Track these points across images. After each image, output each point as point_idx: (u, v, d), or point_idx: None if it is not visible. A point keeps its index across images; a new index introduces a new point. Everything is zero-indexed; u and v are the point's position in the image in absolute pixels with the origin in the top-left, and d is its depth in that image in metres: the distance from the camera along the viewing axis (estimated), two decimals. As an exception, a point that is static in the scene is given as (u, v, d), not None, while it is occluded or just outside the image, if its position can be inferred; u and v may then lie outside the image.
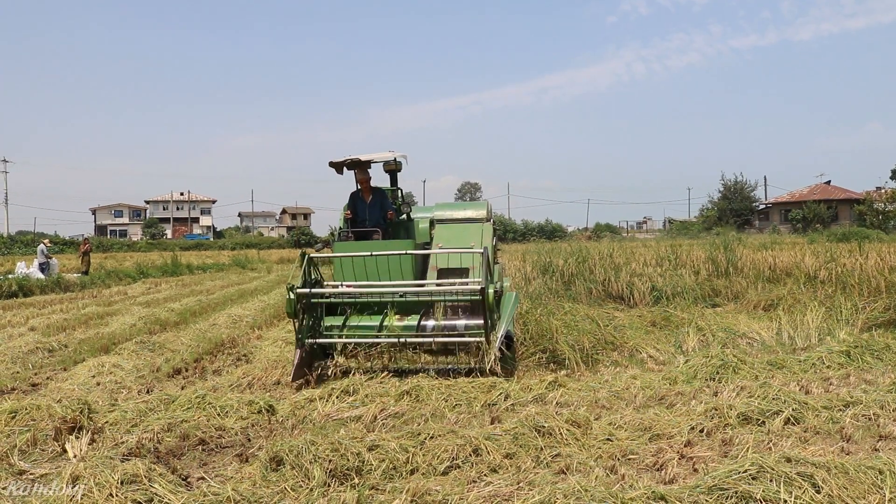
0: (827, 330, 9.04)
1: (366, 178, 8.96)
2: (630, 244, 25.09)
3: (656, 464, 4.48)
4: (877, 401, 5.53)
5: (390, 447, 4.57)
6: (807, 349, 8.15)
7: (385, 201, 9.06)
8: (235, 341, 10.06)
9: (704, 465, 4.39)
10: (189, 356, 8.84)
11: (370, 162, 8.89)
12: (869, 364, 7.27)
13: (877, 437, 4.89)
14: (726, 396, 5.94)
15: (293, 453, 4.38)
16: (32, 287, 20.02)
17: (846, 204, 63.26)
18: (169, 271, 29.45)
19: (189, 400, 6.02)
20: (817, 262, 13.69)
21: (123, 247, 69.28)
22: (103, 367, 8.02)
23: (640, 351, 8.41)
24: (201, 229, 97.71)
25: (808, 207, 62.43)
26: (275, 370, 7.66)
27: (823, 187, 67.95)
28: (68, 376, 7.83)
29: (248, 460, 4.80)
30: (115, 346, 9.57)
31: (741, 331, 9.28)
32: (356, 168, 8.90)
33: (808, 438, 4.92)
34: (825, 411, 5.39)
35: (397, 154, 9.20)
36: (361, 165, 8.82)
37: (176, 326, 11.83)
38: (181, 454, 4.98)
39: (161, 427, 5.41)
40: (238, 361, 8.68)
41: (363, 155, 8.69)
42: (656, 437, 4.97)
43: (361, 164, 8.81)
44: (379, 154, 8.93)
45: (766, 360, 7.37)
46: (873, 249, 15.01)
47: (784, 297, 11.48)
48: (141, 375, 7.84)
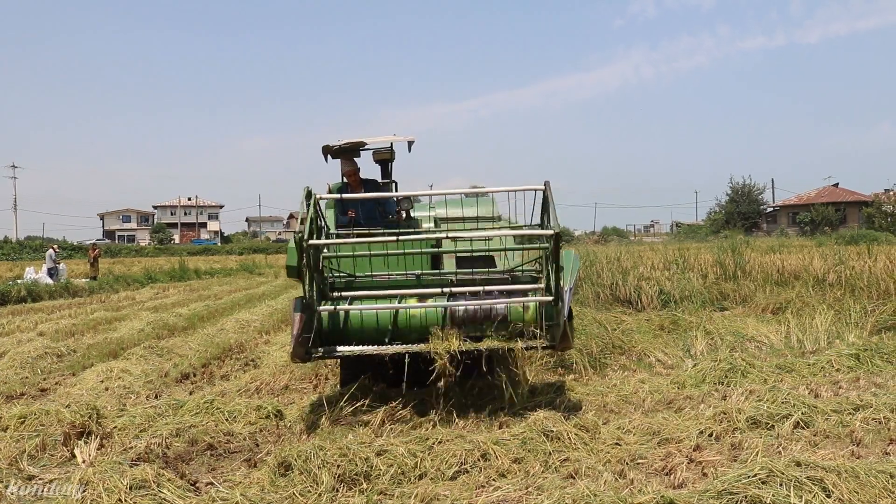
0: (836, 333, 8.99)
1: (353, 169, 7.50)
2: (637, 248, 25.03)
3: (665, 468, 4.47)
4: (887, 404, 5.49)
5: (398, 452, 4.57)
6: (816, 352, 8.11)
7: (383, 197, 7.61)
8: (243, 346, 10.08)
9: (714, 469, 4.37)
10: (197, 361, 8.86)
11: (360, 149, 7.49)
12: (879, 367, 7.23)
13: (887, 441, 4.86)
14: (735, 400, 5.92)
15: (301, 458, 4.38)
16: (41, 292, 20.14)
17: (854, 206, 62.91)
18: (177, 276, 29.56)
19: (197, 405, 6.03)
20: (826, 265, 13.61)
21: (131, 252, 69.49)
22: (112, 372, 8.05)
23: (648, 355, 8.39)
24: (209, 234, 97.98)
25: (817, 210, 62.13)
26: (283, 375, 7.66)
27: (831, 190, 67.62)
28: (77, 381, 7.87)
29: (257, 465, 4.80)
30: (123, 351, 9.61)
31: (749, 334, 9.23)
32: (343, 156, 7.51)
33: (817, 442, 4.89)
34: (835, 415, 5.35)
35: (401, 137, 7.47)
36: (348, 154, 7.48)
37: (184, 331, 11.87)
38: (190, 459, 4.99)
39: (169, 432, 5.42)
40: (246, 366, 8.69)
41: (366, 137, 7.25)
42: (665, 441, 4.96)
43: (348, 153, 7.47)
44: (381, 137, 7.43)
45: (774, 364, 7.34)
46: (882, 252, 14.92)
47: (792, 300, 11.42)
48: (149, 380, 7.86)
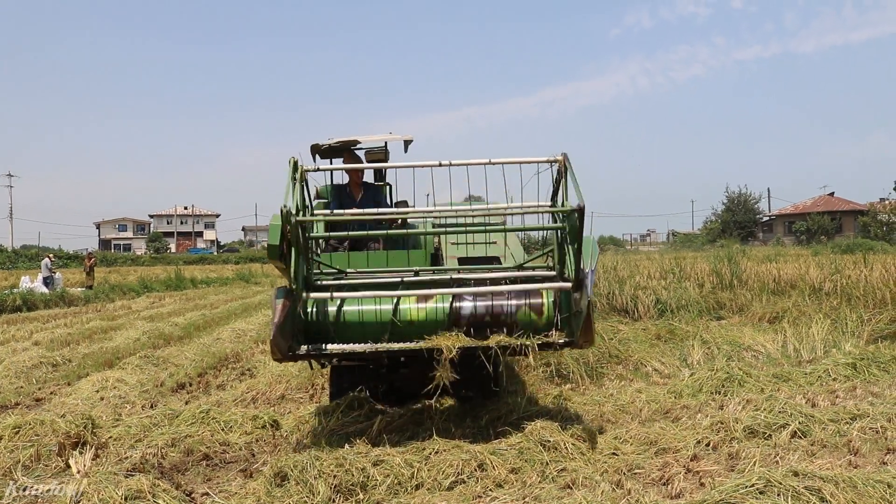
0: (832, 342, 8.99)
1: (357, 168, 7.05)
2: (634, 257, 25.06)
3: (662, 478, 4.46)
4: (884, 413, 5.49)
5: (395, 462, 4.55)
6: (812, 361, 8.11)
7: (382, 200, 7.07)
8: (239, 356, 10.05)
9: (711, 479, 4.36)
10: (193, 371, 8.83)
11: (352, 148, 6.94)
12: (875, 376, 7.22)
13: (885, 451, 4.85)
14: (732, 410, 5.91)
15: (298, 468, 4.36)
16: (36, 301, 20.10)
17: (850, 215, 63.12)
18: (173, 285, 29.52)
19: (193, 415, 6.00)
20: (822, 274, 13.63)
21: (127, 261, 69.39)
22: (107, 381, 8.01)
23: (644, 364, 8.37)
24: (205, 243, 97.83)
25: (812, 219, 62.31)
26: (279, 385, 7.63)
27: (827, 199, 67.85)
28: (72, 391, 7.83)
29: (253, 475, 4.78)
30: (118, 360, 9.58)
31: (746, 343, 9.23)
32: (344, 154, 7.08)
33: (815, 452, 4.88)
34: (832, 424, 5.35)
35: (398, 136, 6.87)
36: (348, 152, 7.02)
37: (180, 341, 11.83)
38: (185, 469, 4.97)
39: (165, 442, 5.39)
40: (242, 376, 8.66)
41: (360, 136, 6.73)
42: (662, 451, 4.94)
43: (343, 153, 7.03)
44: (376, 136, 6.94)
45: (771, 373, 7.33)
46: (878, 261, 14.96)
47: (789, 309, 11.42)
48: (145, 390, 7.83)
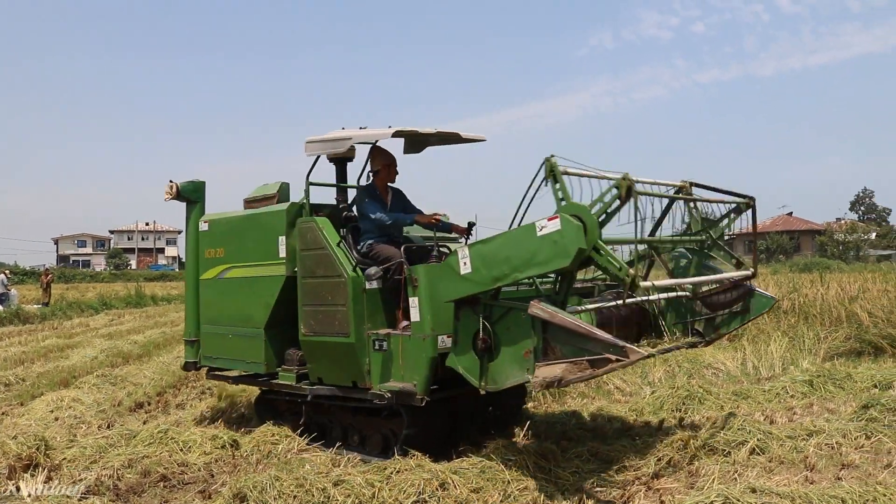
0: (790, 359, 9.16)
1: (392, 161, 6.20)
2: (598, 275, 25.25)
3: (623, 496, 4.48)
4: (839, 429, 5.59)
5: (356, 482, 4.50)
6: (771, 379, 8.25)
7: (408, 204, 6.35)
8: (199, 374, 9.88)
9: (671, 497, 4.39)
10: (152, 390, 8.68)
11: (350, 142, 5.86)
12: (831, 393, 7.36)
13: (839, 466, 4.94)
14: (692, 427, 5.97)
15: (257, 489, 4.31)
16: (-10, 319, 19.57)
17: (808, 235, 64.52)
18: (133, 302, 28.94)
19: (151, 435, 5.89)
20: (780, 293, 13.88)
21: (86, 277, 67.95)
22: (62, 401, 7.84)
23: (606, 382, 8.43)
24: (166, 260, 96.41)
25: (772, 238, 63.57)
26: (239, 404, 7.54)
27: (786, 218, 69.27)
28: (25, 411, 7.65)
29: (212, 497, 4.71)
30: (75, 379, 9.37)
31: (706, 361, 9.34)
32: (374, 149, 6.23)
33: (772, 468, 4.95)
34: (789, 441, 5.42)
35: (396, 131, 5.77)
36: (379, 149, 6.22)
37: (139, 359, 11.60)
38: (142, 491, 4.88)
39: (121, 463, 5.29)
40: (202, 395, 8.54)
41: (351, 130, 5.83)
42: (623, 468, 4.98)
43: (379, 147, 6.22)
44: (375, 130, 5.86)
45: (731, 391, 7.43)
46: (834, 279, 15.31)
47: (748, 327, 11.60)
48: (101, 410, 7.68)
